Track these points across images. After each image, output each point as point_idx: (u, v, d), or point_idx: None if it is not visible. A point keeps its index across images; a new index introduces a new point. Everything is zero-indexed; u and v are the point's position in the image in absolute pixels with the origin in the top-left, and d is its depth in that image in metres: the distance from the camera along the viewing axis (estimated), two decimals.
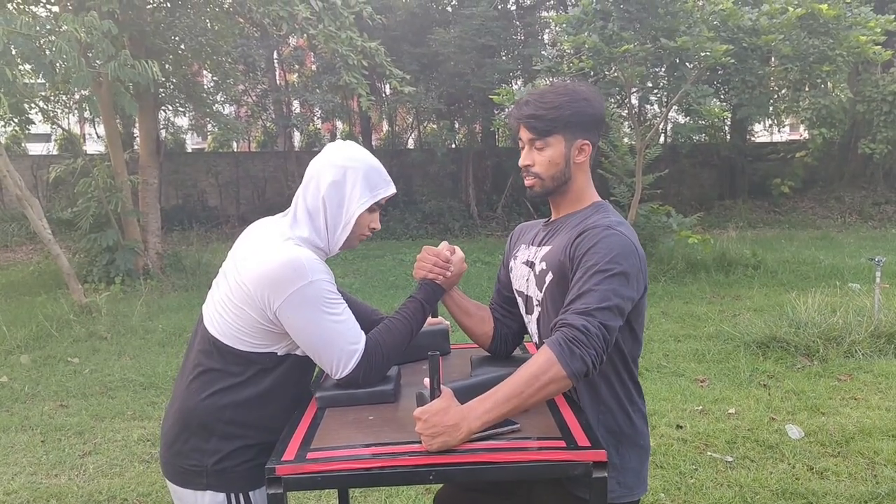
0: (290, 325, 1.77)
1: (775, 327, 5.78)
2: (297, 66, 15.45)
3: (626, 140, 10.16)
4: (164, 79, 11.06)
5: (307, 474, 1.47)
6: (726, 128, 15.07)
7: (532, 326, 1.93)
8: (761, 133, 16.37)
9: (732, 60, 7.48)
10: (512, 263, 2.01)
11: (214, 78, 12.81)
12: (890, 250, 9.65)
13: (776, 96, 13.18)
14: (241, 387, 1.84)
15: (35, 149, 16.66)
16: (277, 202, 14.41)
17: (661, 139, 14.26)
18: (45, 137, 17.64)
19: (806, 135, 13.21)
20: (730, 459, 3.88)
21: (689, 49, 7.19)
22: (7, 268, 10.50)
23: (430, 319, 2.33)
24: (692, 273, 8.62)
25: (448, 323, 2.31)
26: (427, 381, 1.56)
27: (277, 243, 1.81)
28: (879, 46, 8.72)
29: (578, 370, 1.56)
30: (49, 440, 4.37)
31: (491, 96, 8.33)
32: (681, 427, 4.31)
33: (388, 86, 15.35)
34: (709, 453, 3.96)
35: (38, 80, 9.73)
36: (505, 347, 2.09)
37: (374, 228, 1.94)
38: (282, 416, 1.81)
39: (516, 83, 14.29)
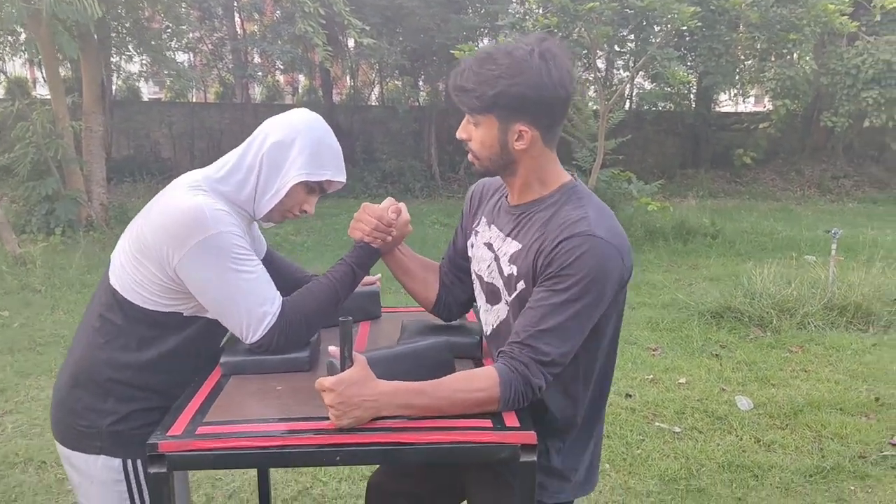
0: (191, 284, 1.58)
1: (730, 297, 5.72)
2: (256, 15, 14.89)
3: (591, 104, 9.98)
4: (114, 22, 10.56)
5: (195, 451, 1.28)
6: (692, 96, 14.97)
7: (489, 317, 1.70)
8: (726, 102, 16.33)
9: (699, 24, 7.31)
10: (473, 239, 1.76)
11: (168, 23, 12.26)
12: (846, 224, 9.69)
13: (742, 65, 13.09)
14: (143, 346, 1.66)
15: None
16: None
17: (627, 105, 14.11)
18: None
19: (770, 106, 13.16)
20: (678, 430, 3.80)
21: (655, 9, 6.99)
22: None
23: (366, 279, 2.15)
24: (650, 241, 8.54)
25: (379, 284, 2.12)
26: (332, 349, 1.37)
27: (181, 192, 1.61)
28: (846, 17, 8.63)
29: (509, 410, 1.44)
30: None
31: (453, 52, 8.07)
32: (630, 396, 4.22)
33: (350, 39, 14.98)
34: (657, 423, 3.87)
35: None
36: (448, 315, 1.88)
37: (306, 212, 1.73)
38: (187, 381, 1.62)
39: (483, 40, 13.96)
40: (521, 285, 1.55)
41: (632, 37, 10.39)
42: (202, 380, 1.59)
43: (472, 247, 1.76)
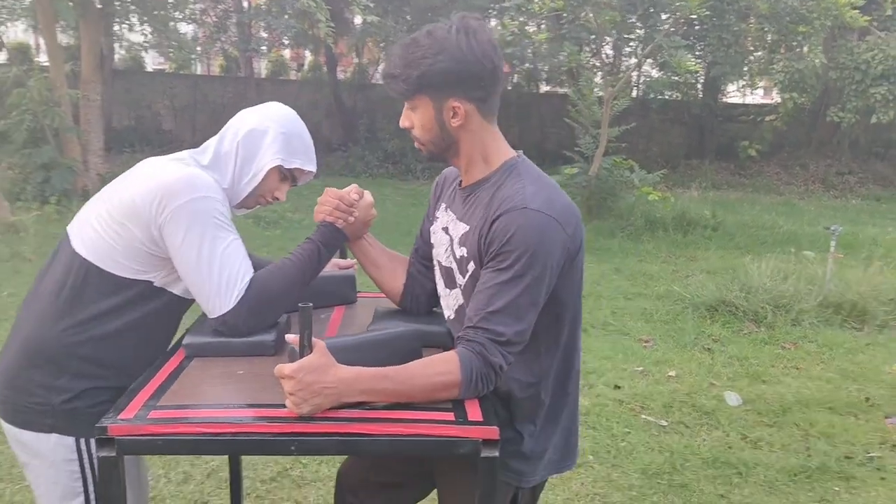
0: (172, 243, 1.58)
1: (726, 290, 5.66)
2: None
3: (597, 91, 9.87)
4: None
5: (146, 436, 1.23)
6: (699, 86, 14.82)
7: (448, 301, 1.69)
8: (734, 94, 16.19)
9: (707, 12, 7.20)
10: (434, 225, 1.77)
11: None
12: (847, 220, 9.61)
13: (752, 57, 12.96)
14: (105, 318, 1.62)
15: None
16: None
17: (634, 93, 13.97)
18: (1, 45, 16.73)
19: (778, 99, 13.03)
20: (664, 424, 3.76)
21: None
22: None
23: (340, 262, 2.11)
24: (650, 231, 8.47)
25: (355, 269, 2.08)
26: (291, 337, 1.33)
27: (172, 163, 1.66)
28: (857, 11, 8.51)
29: (471, 397, 1.43)
30: None
31: None
32: (619, 387, 4.18)
33: (358, 17, 14.82)
34: (643, 416, 3.83)
35: None
36: (416, 307, 1.85)
37: (277, 198, 1.80)
38: (146, 361, 1.58)
39: (491, 21, 13.82)
40: (471, 266, 1.56)
41: (641, 24, 10.29)
42: (164, 360, 1.55)
43: (434, 233, 1.75)
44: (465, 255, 1.57)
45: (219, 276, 1.58)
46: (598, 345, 4.83)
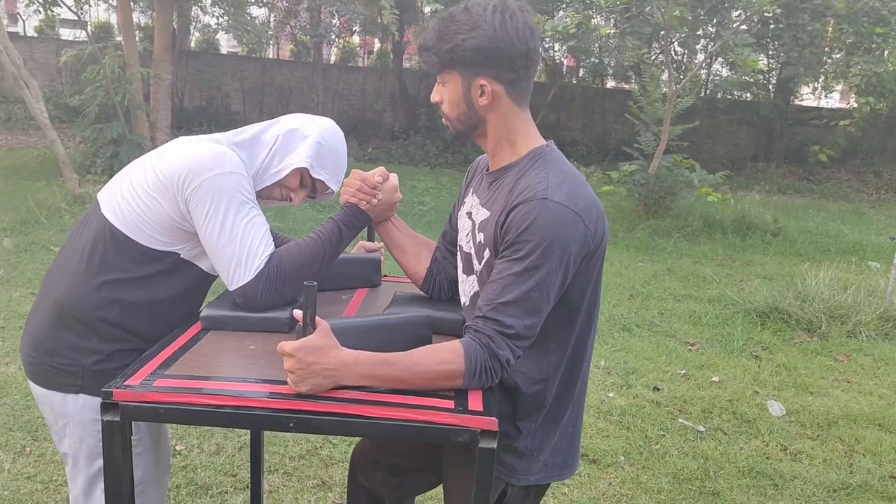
0: (197, 214, 1.63)
1: (780, 297, 5.49)
2: None
3: (662, 87, 9.66)
4: None
5: (148, 404, 1.27)
6: (770, 87, 14.37)
7: (465, 287, 1.68)
8: (808, 96, 15.64)
9: (778, 10, 6.96)
10: (460, 210, 1.75)
11: None
12: None
13: (829, 59, 12.50)
14: (133, 286, 1.68)
15: (70, 35, 16.38)
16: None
17: (703, 92, 13.62)
18: (85, 24, 17.35)
19: (854, 103, 12.53)
20: (701, 429, 3.68)
21: None
22: (16, 150, 10.41)
23: (368, 245, 2.13)
24: (707, 233, 8.28)
25: (382, 252, 2.09)
26: (298, 312, 1.34)
27: (205, 143, 1.70)
28: None
29: (474, 388, 1.41)
30: (9, 327, 4.28)
31: None
32: (658, 390, 4.11)
33: (428, 6, 14.81)
34: (680, 420, 3.76)
35: None
36: (439, 292, 1.84)
37: (290, 200, 1.83)
38: (171, 330, 1.63)
39: (558, 13, 13.66)
40: (487, 253, 1.53)
41: (714, 21, 10.02)
42: (181, 331, 1.58)
43: (460, 218, 1.74)
44: (483, 241, 1.55)
45: (240, 248, 1.62)
46: (642, 345, 4.76)
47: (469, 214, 1.66)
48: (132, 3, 9.08)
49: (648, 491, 3.12)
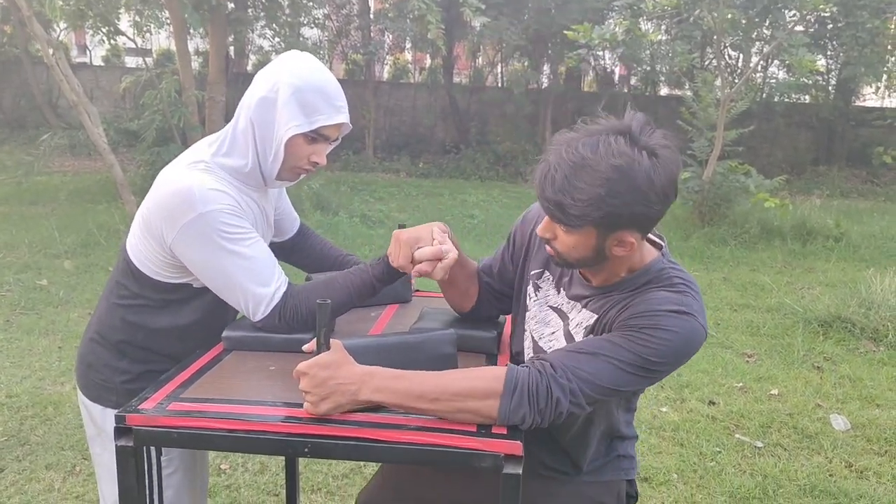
0: (188, 263, 1.57)
1: (843, 305, 5.25)
2: None
3: (717, 92, 9.43)
4: None
5: (162, 428, 1.25)
6: (830, 88, 13.90)
7: (528, 343, 1.59)
8: (870, 96, 15.08)
9: (835, 8, 6.72)
10: (531, 290, 1.60)
11: None
12: None
13: (892, 57, 12.03)
14: (156, 313, 1.67)
15: (134, 63, 16.96)
16: (349, 133, 14.03)
17: (759, 96, 13.25)
18: (149, 52, 17.91)
19: None
20: (759, 445, 3.53)
21: None
22: (81, 174, 10.75)
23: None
24: (766, 239, 8.01)
25: None
26: (308, 346, 1.30)
27: (179, 168, 1.58)
28: None
29: (511, 418, 1.27)
30: (66, 347, 4.38)
31: (566, 32, 7.81)
32: (713, 404, 3.96)
33: (478, 21, 14.84)
34: (737, 436, 3.61)
35: None
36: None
37: (317, 163, 1.62)
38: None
39: (607, 22, 13.50)
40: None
41: (768, 23, 9.75)
42: (202, 352, 1.57)
43: (531, 298, 1.61)
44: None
45: (243, 290, 1.55)
46: (696, 357, 4.58)
47: (558, 311, 1.53)
48: (189, 29, 9.29)
49: None
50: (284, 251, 2.01)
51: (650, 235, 1.48)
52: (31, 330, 4.61)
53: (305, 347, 1.31)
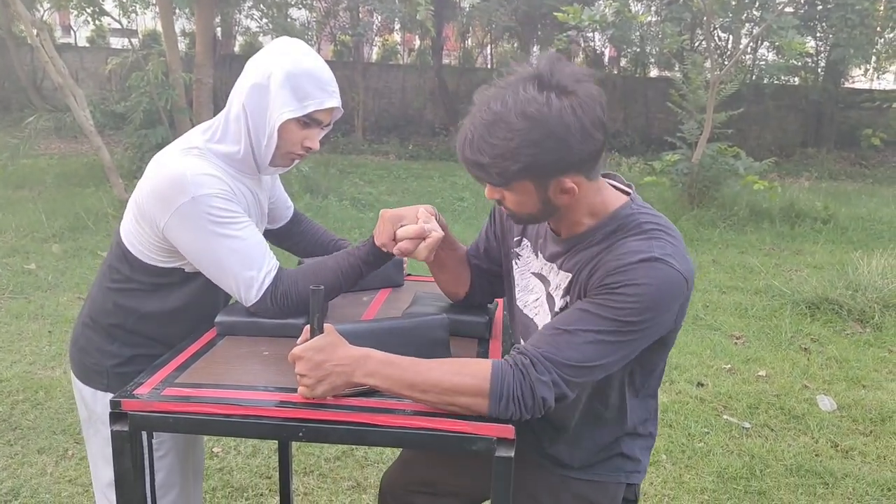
0: (180, 247, 1.57)
1: (830, 287, 5.31)
2: None
3: (706, 74, 9.43)
4: None
5: (157, 413, 1.25)
6: (819, 70, 13.92)
7: (519, 319, 1.58)
8: (859, 78, 15.13)
9: None
10: (515, 263, 1.59)
11: None
12: None
13: (881, 39, 12.07)
14: (146, 297, 1.68)
15: (119, 43, 16.78)
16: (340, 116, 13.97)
17: (748, 78, 13.26)
18: (134, 33, 17.70)
19: None
20: (747, 426, 3.57)
21: None
22: (67, 157, 10.67)
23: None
24: (755, 222, 8.06)
25: None
26: (302, 340, 1.30)
27: (173, 153, 1.59)
28: None
29: (501, 417, 1.26)
30: (56, 331, 4.36)
31: (556, 13, 7.78)
32: (702, 385, 4.00)
33: (467, 2, 14.75)
34: (725, 417, 3.65)
35: None
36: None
37: (310, 148, 1.62)
38: (188, 335, 1.63)
39: (595, 4, 13.45)
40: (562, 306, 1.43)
41: (757, 4, 9.74)
42: (196, 337, 1.57)
43: (516, 274, 1.59)
44: (566, 305, 1.41)
45: (234, 274, 1.55)
46: (685, 339, 4.64)
47: (540, 276, 1.50)
48: (175, 10, 9.19)
49: (691, 491, 3.03)
50: (277, 237, 2.03)
51: (616, 183, 1.45)
52: (20, 314, 4.59)
53: (300, 341, 1.31)
